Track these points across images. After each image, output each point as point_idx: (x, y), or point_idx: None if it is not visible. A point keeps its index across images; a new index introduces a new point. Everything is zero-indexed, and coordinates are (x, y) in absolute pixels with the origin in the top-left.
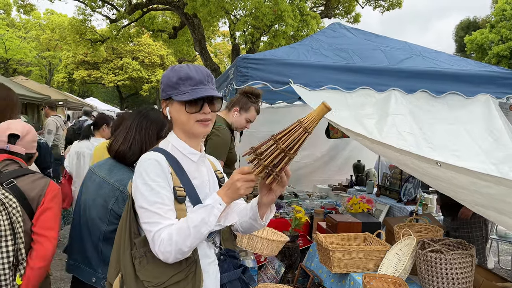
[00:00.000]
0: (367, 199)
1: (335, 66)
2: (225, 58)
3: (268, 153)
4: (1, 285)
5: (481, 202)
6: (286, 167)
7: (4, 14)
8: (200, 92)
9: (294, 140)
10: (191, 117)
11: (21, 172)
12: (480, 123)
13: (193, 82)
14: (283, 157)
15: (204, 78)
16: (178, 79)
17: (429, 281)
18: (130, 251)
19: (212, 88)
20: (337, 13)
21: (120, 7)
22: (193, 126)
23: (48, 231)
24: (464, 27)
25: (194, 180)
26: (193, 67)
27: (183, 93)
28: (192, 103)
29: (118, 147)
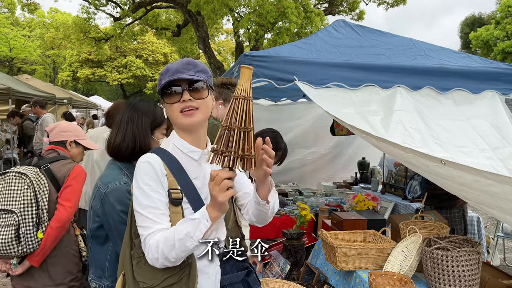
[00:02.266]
0: (372, 196)
1: (339, 63)
2: (228, 55)
3: (223, 142)
4: (28, 236)
5: (485, 201)
6: (251, 142)
7: (9, 13)
8: (170, 78)
9: (242, 114)
10: (173, 108)
11: (55, 158)
12: (486, 119)
13: (170, 73)
14: (239, 135)
15: (182, 66)
16: (160, 75)
17: (436, 279)
18: (130, 251)
19: (190, 74)
20: (341, 10)
21: (124, 5)
22: (177, 117)
23: (66, 201)
24: (469, 24)
25: (196, 179)
26: (175, 61)
27: (161, 86)
28: (170, 93)
29: (113, 143)
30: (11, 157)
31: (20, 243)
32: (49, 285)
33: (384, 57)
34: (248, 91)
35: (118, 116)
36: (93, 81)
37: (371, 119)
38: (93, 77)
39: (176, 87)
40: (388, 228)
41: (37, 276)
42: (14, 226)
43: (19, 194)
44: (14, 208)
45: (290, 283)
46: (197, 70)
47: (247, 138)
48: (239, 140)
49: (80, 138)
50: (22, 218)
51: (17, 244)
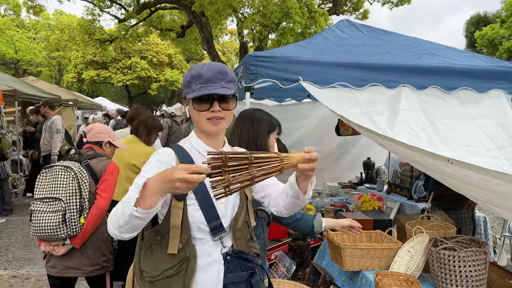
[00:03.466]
0: (378, 196)
1: (344, 63)
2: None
3: (234, 169)
4: (72, 221)
5: (493, 200)
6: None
7: (14, 15)
8: (206, 90)
9: (265, 172)
10: (201, 115)
11: (93, 156)
12: (493, 119)
13: (202, 80)
14: (246, 182)
15: (214, 75)
16: (191, 78)
17: (442, 279)
18: (141, 240)
19: (222, 86)
20: (345, 10)
21: (128, 7)
22: (204, 124)
23: (104, 192)
24: (475, 22)
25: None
26: (206, 66)
27: (193, 91)
28: (201, 101)
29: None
30: (17, 158)
31: (66, 226)
32: (86, 264)
33: (389, 56)
34: (288, 169)
35: (238, 125)
36: (98, 82)
37: (377, 119)
38: (98, 79)
39: (207, 97)
40: (394, 229)
41: (76, 257)
42: (61, 212)
43: (65, 184)
44: (61, 196)
45: (296, 283)
46: (228, 80)
47: (244, 187)
48: (241, 182)
49: (113, 139)
50: (68, 205)
51: (63, 228)
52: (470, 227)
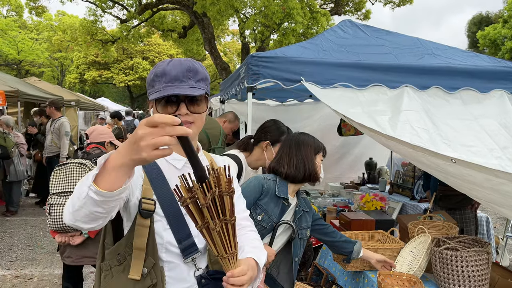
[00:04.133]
0: (380, 196)
1: (346, 63)
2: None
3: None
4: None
5: (496, 200)
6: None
7: (16, 16)
8: (169, 90)
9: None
10: None
11: (100, 154)
12: (495, 119)
13: (167, 78)
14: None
15: (182, 73)
16: (154, 76)
17: (445, 279)
18: (101, 262)
19: (191, 85)
20: (347, 10)
21: (130, 8)
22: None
23: None
24: (477, 22)
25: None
26: (172, 62)
27: (156, 91)
28: (166, 103)
29: (286, 170)
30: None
31: None
32: None
33: (391, 56)
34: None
35: (285, 149)
36: (100, 83)
37: (379, 119)
38: (100, 79)
39: (172, 97)
40: (396, 229)
41: (91, 247)
42: None
43: (80, 179)
44: None
45: (299, 283)
46: (198, 79)
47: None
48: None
49: (113, 139)
50: None
51: None
52: (474, 228)
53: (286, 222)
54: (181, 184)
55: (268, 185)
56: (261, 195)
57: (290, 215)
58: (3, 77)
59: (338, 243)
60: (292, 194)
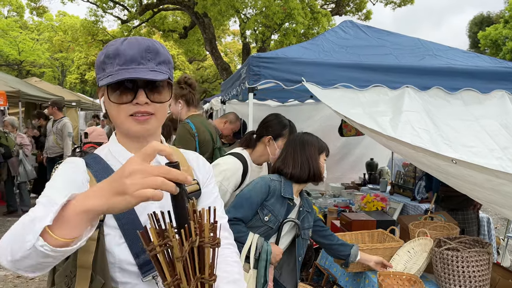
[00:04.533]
0: (381, 197)
1: (347, 64)
2: (235, 57)
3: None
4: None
5: (497, 200)
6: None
7: (17, 16)
8: (124, 74)
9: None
10: (120, 109)
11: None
12: (496, 119)
13: (121, 59)
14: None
15: (139, 54)
16: (105, 57)
17: (446, 279)
18: (50, 287)
19: (151, 68)
20: (348, 10)
21: (131, 8)
22: (124, 122)
23: None
24: (478, 23)
25: None
26: (127, 41)
27: (108, 75)
28: (120, 90)
29: (291, 171)
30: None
31: None
32: None
33: (392, 57)
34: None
35: (289, 149)
36: None
37: (380, 119)
38: None
39: (128, 83)
40: (397, 228)
41: None
42: None
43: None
44: None
45: (300, 283)
46: (160, 61)
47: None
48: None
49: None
50: None
51: None
52: (476, 228)
53: (291, 220)
54: (151, 224)
55: (274, 186)
56: (267, 196)
57: (294, 215)
58: (4, 77)
59: (335, 246)
60: (296, 194)
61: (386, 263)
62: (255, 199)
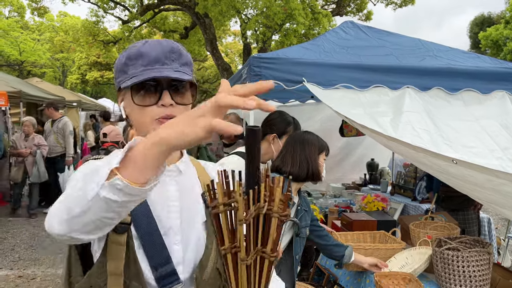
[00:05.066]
0: (382, 197)
1: (348, 64)
2: (236, 57)
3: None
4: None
5: (497, 200)
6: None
7: (18, 17)
8: (150, 74)
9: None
10: (145, 112)
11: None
12: (496, 120)
13: (145, 60)
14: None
15: (163, 54)
16: (127, 59)
17: (446, 279)
18: None
19: (175, 69)
20: (348, 11)
21: (132, 8)
22: (149, 126)
23: None
24: (479, 23)
25: (155, 204)
26: (149, 43)
27: (131, 76)
28: (144, 91)
29: (290, 169)
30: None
31: None
32: None
33: (392, 57)
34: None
35: (289, 148)
36: (102, 83)
37: (380, 120)
38: (101, 80)
39: (153, 84)
40: (398, 229)
41: None
42: None
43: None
44: None
45: (300, 283)
46: (183, 63)
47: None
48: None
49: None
50: None
51: None
52: (476, 228)
53: (291, 219)
54: (219, 181)
55: None
56: None
57: (292, 214)
58: (5, 77)
59: (330, 246)
60: (294, 192)
61: (380, 265)
62: None
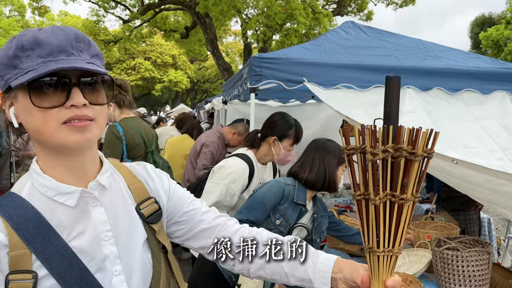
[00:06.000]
0: None
1: (349, 64)
2: (236, 57)
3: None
4: None
5: (497, 200)
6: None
7: (19, 16)
8: (53, 65)
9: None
10: (49, 116)
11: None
12: (496, 120)
13: (45, 50)
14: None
15: (69, 43)
16: (18, 50)
17: (446, 279)
18: None
19: (86, 60)
20: (349, 11)
21: (133, 8)
22: (56, 134)
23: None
24: (479, 24)
25: (76, 240)
26: (48, 29)
27: (26, 71)
28: (46, 90)
29: (307, 176)
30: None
31: None
32: None
33: (393, 58)
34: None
35: (309, 154)
36: None
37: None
38: None
39: (59, 79)
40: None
41: None
42: None
43: None
44: None
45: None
46: (93, 54)
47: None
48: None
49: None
50: None
51: None
52: (477, 229)
53: (301, 225)
54: (367, 128)
55: (288, 191)
56: (281, 200)
57: (306, 219)
58: None
59: (352, 236)
60: (309, 199)
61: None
62: (268, 203)
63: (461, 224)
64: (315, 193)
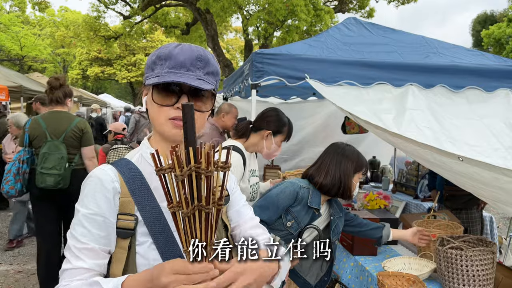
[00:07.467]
0: (384, 195)
1: (351, 61)
2: (237, 53)
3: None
4: None
5: (501, 198)
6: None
7: (19, 12)
8: (171, 77)
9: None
10: (161, 111)
11: (125, 141)
12: (500, 118)
13: (171, 63)
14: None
15: (190, 61)
16: (157, 58)
17: (449, 278)
18: None
19: (198, 76)
20: (351, 8)
21: (134, 4)
22: (162, 125)
23: None
24: (481, 21)
25: (165, 202)
26: (181, 46)
27: (156, 75)
28: (164, 92)
29: (322, 181)
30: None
31: None
32: None
33: (396, 54)
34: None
35: (326, 158)
36: (103, 79)
37: (384, 117)
38: (102, 75)
39: (174, 86)
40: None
41: None
42: None
43: None
44: None
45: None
46: (208, 72)
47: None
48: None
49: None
50: None
51: None
52: (479, 227)
53: (312, 226)
54: (171, 152)
55: (302, 194)
56: (294, 202)
57: (318, 222)
58: (6, 72)
59: (367, 231)
60: (322, 203)
61: (422, 231)
62: (281, 204)
63: (464, 222)
64: (329, 198)
